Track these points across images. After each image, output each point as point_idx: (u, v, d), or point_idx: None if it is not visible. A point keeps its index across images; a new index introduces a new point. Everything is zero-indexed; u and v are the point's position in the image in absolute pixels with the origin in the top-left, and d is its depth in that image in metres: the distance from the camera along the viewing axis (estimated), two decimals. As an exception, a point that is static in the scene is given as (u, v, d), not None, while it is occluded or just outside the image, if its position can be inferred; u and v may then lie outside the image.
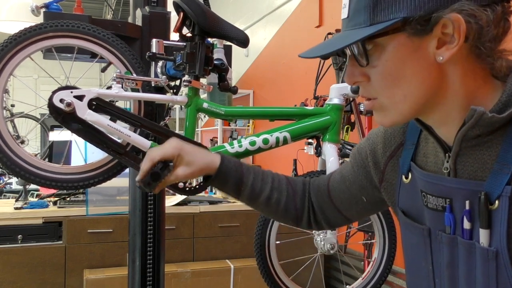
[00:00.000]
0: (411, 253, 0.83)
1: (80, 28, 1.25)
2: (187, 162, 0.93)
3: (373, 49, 0.66)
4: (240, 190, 0.97)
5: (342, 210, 0.99)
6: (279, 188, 1.00)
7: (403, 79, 0.66)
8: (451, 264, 0.72)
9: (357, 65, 0.69)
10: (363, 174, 0.94)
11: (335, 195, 0.99)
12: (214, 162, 0.95)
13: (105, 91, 1.20)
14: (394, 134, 0.87)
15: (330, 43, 0.69)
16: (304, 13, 3.91)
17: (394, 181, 0.87)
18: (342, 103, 1.48)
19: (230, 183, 0.96)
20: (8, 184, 4.54)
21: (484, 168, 0.67)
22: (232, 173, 0.96)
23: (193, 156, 0.94)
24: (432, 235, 0.76)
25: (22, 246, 2.69)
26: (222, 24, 1.23)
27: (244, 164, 1.00)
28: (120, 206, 2.79)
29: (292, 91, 3.92)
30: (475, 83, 0.67)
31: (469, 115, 0.65)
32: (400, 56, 0.65)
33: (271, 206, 1.00)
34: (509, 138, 0.65)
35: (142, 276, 1.50)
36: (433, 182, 0.74)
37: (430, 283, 0.78)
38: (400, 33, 0.64)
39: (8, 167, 1.19)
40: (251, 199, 0.99)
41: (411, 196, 0.81)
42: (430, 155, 0.78)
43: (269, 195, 0.98)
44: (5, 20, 3.02)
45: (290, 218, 1.02)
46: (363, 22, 0.64)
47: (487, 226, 0.65)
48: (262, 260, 1.51)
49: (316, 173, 1.53)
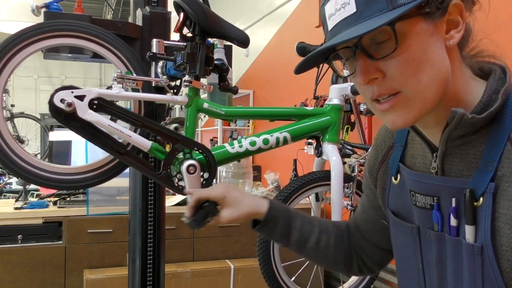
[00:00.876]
0: (402, 252, 0.84)
1: (81, 28, 1.25)
2: (233, 205, 0.92)
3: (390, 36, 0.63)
4: (289, 234, 0.95)
5: (376, 242, 0.97)
6: (327, 230, 0.99)
7: (427, 63, 0.64)
8: (440, 261, 0.74)
9: (370, 61, 0.66)
10: (371, 194, 0.95)
11: (363, 228, 0.99)
12: (262, 207, 0.94)
13: (106, 91, 1.20)
14: (384, 140, 0.89)
15: (342, 36, 0.64)
16: (304, 13, 3.91)
17: (385, 184, 0.89)
18: (342, 103, 1.49)
19: (279, 228, 0.94)
20: (8, 184, 4.54)
21: (470, 166, 0.69)
22: (281, 217, 0.94)
23: (239, 200, 0.93)
24: (421, 233, 0.77)
25: (22, 246, 2.69)
26: (222, 24, 1.24)
27: (291, 208, 0.99)
28: (120, 206, 2.79)
29: (292, 91, 3.92)
30: (463, 79, 0.69)
31: (450, 117, 0.67)
32: (422, 40, 0.64)
33: (321, 250, 0.97)
34: (492, 136, 0.67)
35: (142, 276, 1.50)
36: (421, 181, 0.75)
37: (421, 281, 0.79)
38: (418, 17, 0.63)
39: (8, 167, 1.19)
40: (300, 244, 0.96)
41: (400, 197, 0.83)
42: (418, 156, 0.79)
43: (318, 239, 0.96)
44: (5, 20, 3.02)
45: (340, 262, 0.99)
46: (383, 8, 0.62)
47: (472, 222, 0.67)
48: (265, 262, 1.51)
49: (318, 173, 1.53)
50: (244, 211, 0.93)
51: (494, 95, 0.67)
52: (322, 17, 0.70)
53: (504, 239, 0.64)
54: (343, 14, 0.65)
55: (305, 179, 1.52)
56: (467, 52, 0.71)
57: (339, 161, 1.43)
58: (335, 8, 0.66)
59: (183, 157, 1.20)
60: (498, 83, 0.68)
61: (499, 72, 0.70)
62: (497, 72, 0.70)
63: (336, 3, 0.66)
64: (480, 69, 0.72)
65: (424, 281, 0.78)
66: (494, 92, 0.67)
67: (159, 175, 1.17)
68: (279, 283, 1.52)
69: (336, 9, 0.66)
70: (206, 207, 0.92)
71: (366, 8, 0.63)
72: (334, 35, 0.67)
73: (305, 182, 1.52)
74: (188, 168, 1.14)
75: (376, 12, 0.62)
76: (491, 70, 0.71)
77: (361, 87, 0.70)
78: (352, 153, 2.10)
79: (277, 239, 0.96)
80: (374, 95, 0.68)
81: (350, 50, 0.67)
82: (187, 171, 1.14)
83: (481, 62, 0.72)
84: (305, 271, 1.76)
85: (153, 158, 1.40)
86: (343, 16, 0.65)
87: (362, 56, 0.66)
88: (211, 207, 0.92)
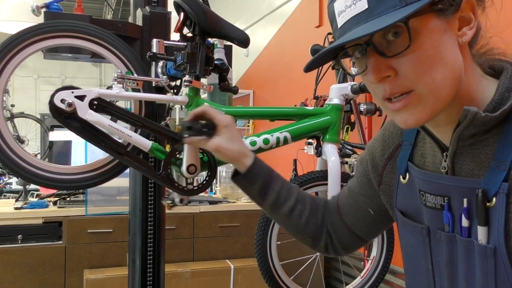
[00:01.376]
0: (411, 253, 0.83)
1: (81, 28, 1.25)
2: (228, 138, 0.92)
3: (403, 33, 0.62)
4: (266, 194, 0.95)
5: (352, 227, 0.97)
6: (303, 201, 0.98)
7: (441, 60, 0.63)
8: (450, 262, 0.72)
9: (381, 59, 0.64)
10: (366, 183, 0.94)
11: (344, 210, 0.98)
12: (248, 157, 0.94)
13: (106, 91, 1.20)
14: (392, 136, 0.88)
15: (353, 33, 0.63)
16: (304, 13, 3.91)
17: (392, 182, 0.87)
18: (342, 103, 1.48)
19: (258, 184, 0.94)
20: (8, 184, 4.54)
21: (481, 166, 0.68)
22: (262, 174, 0.94)
23: (235, 138, 0.94)
24: (431, 233, 0.76)
25: (22, 246, 2.69)
26: (222, 24, 1.23)
27: (275, 171, 0.98)
28: (120, 206, 2.79)
29: (292, 91, 3.92)
30: (474, 77, 0.68)
31: (462, 115, 0.65)
32: (435, 37, 0.63)
33: (293, 218, 0.97)
34: (504, 135, 0.66)
35: (142, 276, 1.50)
36: (431, 180, 0.74)
37: (430, 282, 0.78)
38: (430, 13, 0.62)
39: (8, 167, 1.19)
40: (275, 207, 0.96)
41: (409, 196, 0.81)
42: (428, 155, 0.78)
43: (293, 206, 0.96)
44: (5, 20, 3.02)
45: (308, 235, 0.99)
46: (396, 4, 0.60)
47: (485, 223, 0.66)
48: (263, 261, 1.51)
49: (316, 173, 1.53)
50: (234, 149, 0.93)
51: (507, 93, 0.66)
52: (330, 14, 0.69)
53: None
54: (354, 10, 0.64)
55: (303, 178, 1.52)
56: (477, 50, 0.71)
57: (338, 161, 1.43)
58: (345, 5, 0.65)
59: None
60: (510, 81, 0.67)
61: (510, 70, 0.69)
62: (509, 70, 0.69)
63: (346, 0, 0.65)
64: (491, 67, 0.71)
65: (434, 283, 0.77)
66: (506, 90, 0.66)
67: (159, 175, 1.17)
68: (276, 281, 1.52)
69: (347, 6, 0.64)
70: (206, 124, 0.94)
71: (378, 5, 0.61)
72: (344, 32, 0.66)
73: (303, 181, 1.52)
74: (188, 168, 1.14)
75: (388, 8, 0.61)
76: (503, 68, 0.70)
77: (372, 86, 0.68)
78: (352, 153, 2.11)
79: (253, 195, 0.96)
80: (386, 94, 0.66)
81: (360, 48, 0.66)
82: (187, 171, 1.14)
83: (491, 60, 0.71)
84: (305, 271, 1.77)
85: (153, 158, 1.40)
86: (354, 13, 0.64)
87: (373, 53, 0.65)
88: (210, 126, 0.94)
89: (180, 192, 1.21)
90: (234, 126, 0.96)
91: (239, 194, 3.39)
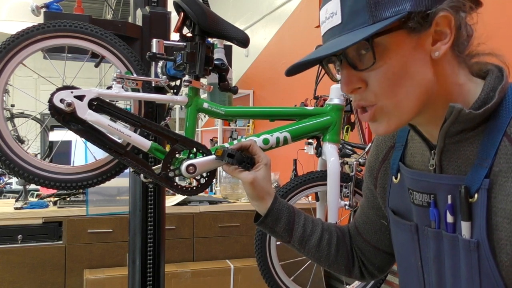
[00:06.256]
0: (401, 251, 0.85)
1: (81, 28, 1.25)
2: (261, 175, 0.95)
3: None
4: (292, 230, 0.95)
5: (375, 243, 0.97)
6: (329, 230, 0.99)
7: (406, 76, 0.66)
8: (438, 258, 0.74)
9: (353, 71, 0.68)
10: (370, 194, 0.96)
11: (362, 229, 0.99)
12: (272, 196, 0.96)
13: (105, 91, 1.20)
14: (385, 139, 0.90)
15: (326, 48, 0.67)
16: (304, 13, 3.91)
17: (385, 184, 0.89)
18: (342, 103, 1.48)
19: (283, 221, 0.95)
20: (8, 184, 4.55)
21: (467, 163, 0.70)
22: (285, 211, 0.95)
23: (268, 177, 0.97)
24: (420, 231, 0.78)
25: (22, 246, 2.69)
26: (222, 24, 1.23)
27: (295, 207, 1.00)
28: (120, 206, 2.80)
29: (292, 91, 3.92)
30: (458, 81, 0.70)
31: (448, 112, 0.68)
32: (403, 53, 0.65)
33: (323, 249, 0.97)
34: (487, 133, 0.68)
35: (142, 276, 1.50)
36: (418, 179, 0.76)
37: (420, 279, 0.80)
38: (400, 31, 0.64)
39: (8, 167, 1.19)
40: (303, 241, 0.96)
41: (400, 196, 0.84)
42: (417, 154, 0.81)
43: (320, 236, 0.97)
44: (5, 20, 3.02)
45: (342, 263, 1.00)
46: (365, 22, 0.63)
47: (468, 218, 0.68)
48: (262, 261, 1.51)
49: (316, 173, 1.53)
50: (264, 187, 0.95)
51: (492, 92, 0.68)
52: (320, 20, 0.72)
53: (503, 233, 0.65)
54: (330, 23, 0.67)
55: (303, 178, 1.52)
56: (467, 54, 0.72)
57: (337, 161, 1.43)
58: (325, 16, 0.68)
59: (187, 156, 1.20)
60: (496, 81, 0.69)
61: (496, 71, 0.71)
62: (495, 71, 0.71)
63: (326, 11, 0.68)
64: (480, 70, 0.73)
65: (424, 279, 0.79)
66: (491, 90, 0.69)
67: (158, 175, 1.17)
68: (276, 281, 1.52)
69: (326, 17, 0.68)
70: (247, 157, 0.98)
71: (350, 20, 0.65)
72: (325, 41, 0.70)
73: (303, 181, 1.52)
74: (187, 168, 1.14)
75: (358, 25, 0.64)
76: (489, 70, 0.72)
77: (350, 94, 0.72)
78: (352, 153, 2.11)
79: (280, 234, 0.96)
80: (354, 104, 0.71)
81: (337, 59, 0.69)
82: (187, 171, 1.14)
83: (480, 64, 0.73)
84: (305, 271, 1.76)
85: (153, 158, 1.40)
86: (330, 25, 0.67)
87: (346, 66, 0.68)
88: (250, 160, 0.98)
89: (180, 192, 1.21)
90: (270, 167, 0.98)
91: (239, 194, 3.39)
